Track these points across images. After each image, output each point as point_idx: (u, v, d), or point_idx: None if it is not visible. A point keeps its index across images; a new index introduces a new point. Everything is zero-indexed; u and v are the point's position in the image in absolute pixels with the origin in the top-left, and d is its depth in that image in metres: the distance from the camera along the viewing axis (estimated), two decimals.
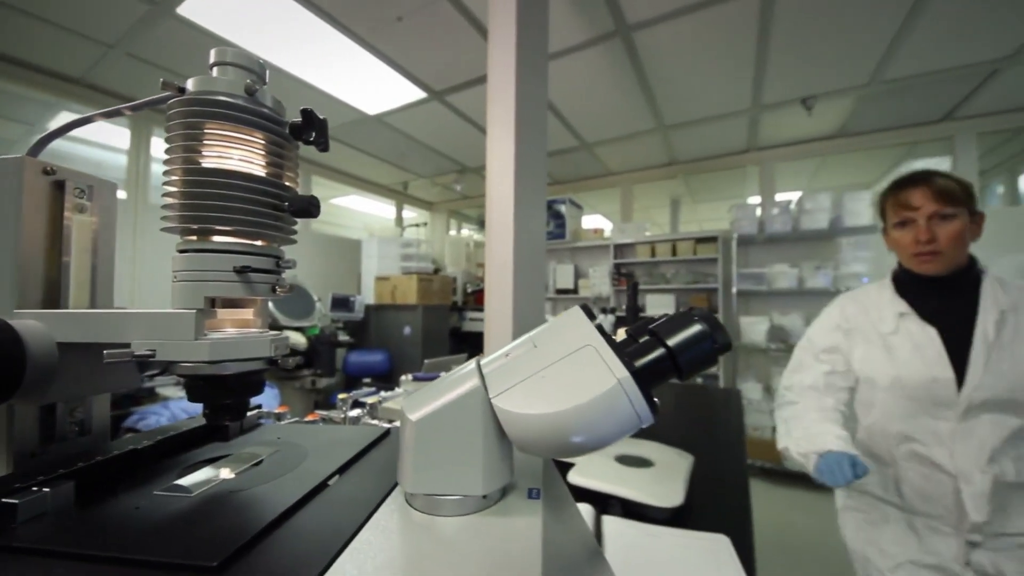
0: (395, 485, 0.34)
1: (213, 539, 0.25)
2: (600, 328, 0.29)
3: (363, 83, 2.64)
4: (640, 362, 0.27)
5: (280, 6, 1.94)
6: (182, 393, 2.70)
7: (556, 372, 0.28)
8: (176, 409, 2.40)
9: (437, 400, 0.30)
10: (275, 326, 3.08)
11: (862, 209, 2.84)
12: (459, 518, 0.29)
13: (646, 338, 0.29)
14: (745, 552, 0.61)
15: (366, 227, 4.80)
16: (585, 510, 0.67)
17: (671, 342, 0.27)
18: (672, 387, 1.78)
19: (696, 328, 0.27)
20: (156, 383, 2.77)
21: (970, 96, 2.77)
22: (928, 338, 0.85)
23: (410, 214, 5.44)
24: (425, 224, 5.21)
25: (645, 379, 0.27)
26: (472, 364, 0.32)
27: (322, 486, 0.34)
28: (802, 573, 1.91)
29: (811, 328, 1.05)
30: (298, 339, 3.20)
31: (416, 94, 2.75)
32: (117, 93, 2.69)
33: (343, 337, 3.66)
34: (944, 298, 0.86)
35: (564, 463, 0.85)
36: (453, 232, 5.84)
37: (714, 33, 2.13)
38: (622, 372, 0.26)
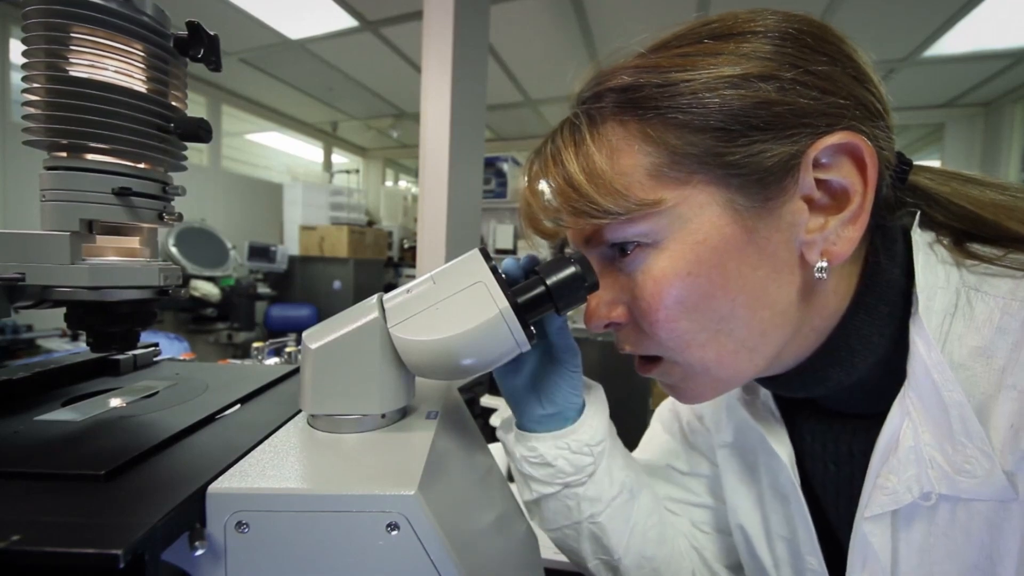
0: (298, 412, 0.36)
1: (100, 454, 0.26)
2: (494, 269, 0.32)
3: (283, 1, 2.34)
4: (522, 298, 0.31)
5: None
6: (69, 345, 2.45)
7: (449, 304, 0.31)
8: None
9: (338, 331, 0.32)
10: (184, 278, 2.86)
11: None
12: (359, 435, 0.32)
13: (534, 278, 0.33)
14: None
15: (289, 170, 4.38)
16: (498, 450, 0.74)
17: (549, 281, 0.31)
18: (598, 345, 1.91)
19: (570, 270, 0.31)
20: (36, 333, 2.52)
21: None
22: None
23: (340, 159, 5.06)
24: (357, 171, 4.88)
25: (524, 311, 0.31)
26: (374, 299, 0.34)
27: (221, 413, 0.35)
28: None
29: None
30: (209, 289, 2.95)
31: (346, 21, 2.50)
32: None
33: (263, 289, 3.44)
34: None
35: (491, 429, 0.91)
36: (389, 183, 5.55)
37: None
38: (503, 304, 0.30)
